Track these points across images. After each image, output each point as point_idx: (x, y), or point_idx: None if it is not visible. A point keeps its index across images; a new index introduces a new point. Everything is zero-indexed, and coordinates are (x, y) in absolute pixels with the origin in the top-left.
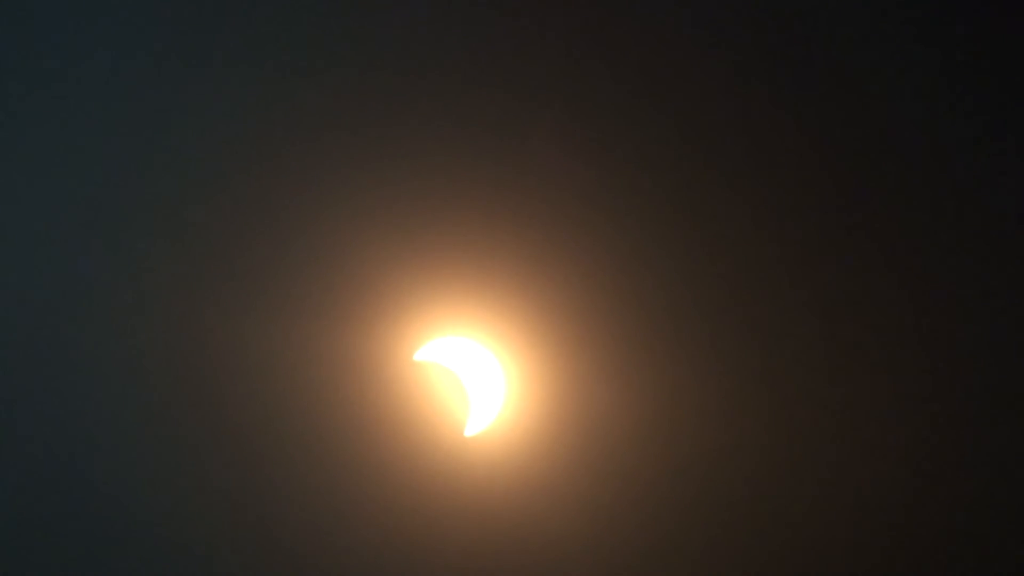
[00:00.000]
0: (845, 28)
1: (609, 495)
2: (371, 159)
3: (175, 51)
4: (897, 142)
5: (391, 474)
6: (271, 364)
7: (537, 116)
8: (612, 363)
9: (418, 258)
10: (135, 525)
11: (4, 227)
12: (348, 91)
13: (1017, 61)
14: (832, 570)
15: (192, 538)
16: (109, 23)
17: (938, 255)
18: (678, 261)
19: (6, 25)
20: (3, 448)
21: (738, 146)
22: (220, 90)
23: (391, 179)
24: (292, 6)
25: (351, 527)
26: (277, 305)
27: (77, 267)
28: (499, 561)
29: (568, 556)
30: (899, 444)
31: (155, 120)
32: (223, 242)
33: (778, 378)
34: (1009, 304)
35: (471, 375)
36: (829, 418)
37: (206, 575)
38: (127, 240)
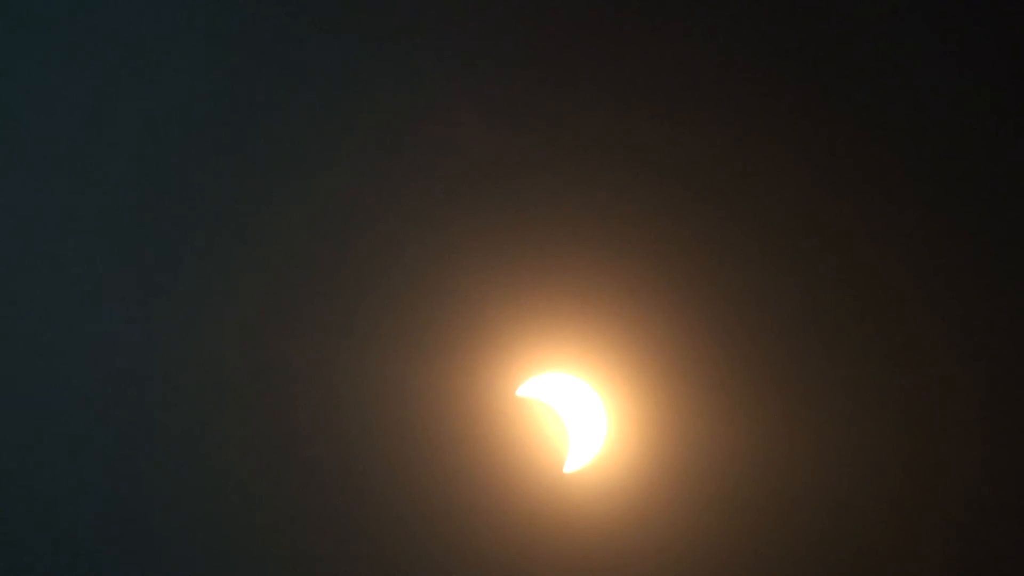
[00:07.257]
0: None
1: (709, 534)
2: (479, 203)
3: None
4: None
5: (490, 507)
6: (377, 397)
7: (642, 157)
8: (713, 400)
9: (522, 295)
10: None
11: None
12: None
13: None
14: None
15: (293, 566)
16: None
17: None
18: (777, 300)
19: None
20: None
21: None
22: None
23: (495, 220)
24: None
25: (448, 559)
26: (384, 342)
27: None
28: None
29: None
30: None
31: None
32: (332, 280)
33: (880, 416)
34: None
35: (572, 411)
36: (936, 455)
37: None
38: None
